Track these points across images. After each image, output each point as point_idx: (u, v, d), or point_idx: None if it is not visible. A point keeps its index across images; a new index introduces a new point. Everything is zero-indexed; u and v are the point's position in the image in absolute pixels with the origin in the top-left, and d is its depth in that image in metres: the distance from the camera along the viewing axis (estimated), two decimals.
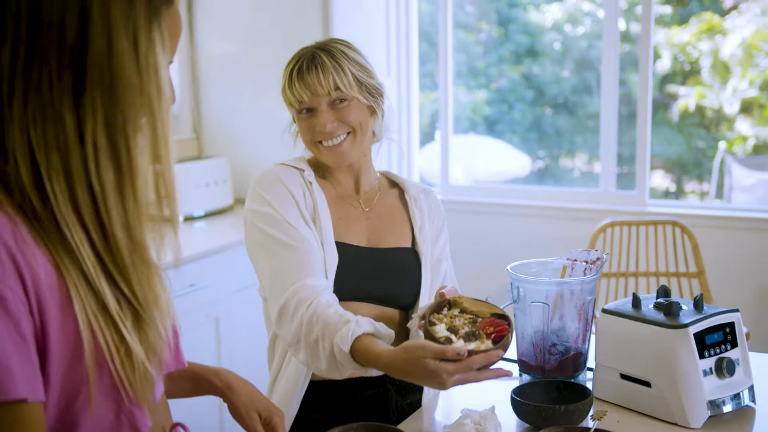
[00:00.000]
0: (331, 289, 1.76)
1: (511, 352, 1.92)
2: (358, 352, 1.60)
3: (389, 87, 4.09)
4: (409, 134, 4.17)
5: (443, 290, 1.68)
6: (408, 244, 1.92)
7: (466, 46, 4.42)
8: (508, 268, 1.83)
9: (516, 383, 1.78)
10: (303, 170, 1.86)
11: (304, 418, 1.83)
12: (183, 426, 1.26)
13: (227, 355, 3.17)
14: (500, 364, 1.56)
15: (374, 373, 1.74)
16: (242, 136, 3.95)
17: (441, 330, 1.56)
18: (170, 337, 1.17)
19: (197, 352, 3.11)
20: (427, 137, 4.40)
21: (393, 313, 1.87)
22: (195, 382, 1.36)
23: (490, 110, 4.59)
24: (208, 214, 3.68)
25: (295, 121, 1.88)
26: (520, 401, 1.63)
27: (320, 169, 1.91)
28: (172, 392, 1.39)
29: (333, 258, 1.79)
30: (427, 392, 1.91)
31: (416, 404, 1.88)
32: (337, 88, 1.78)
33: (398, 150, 4.10)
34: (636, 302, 1.72)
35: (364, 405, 1.84)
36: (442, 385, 1.50)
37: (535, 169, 4.72)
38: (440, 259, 1.94)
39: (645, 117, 3.73)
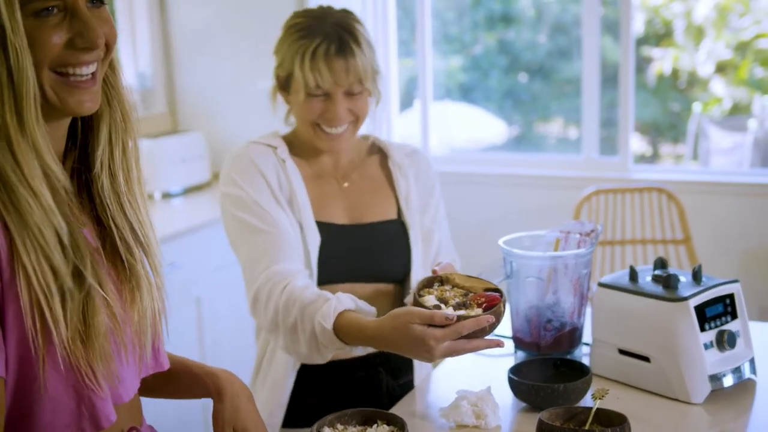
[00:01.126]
0: (308, 273, 1.71)
1: (506, 329, 1.89)
2: (341, 329, 1.56)
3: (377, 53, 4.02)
4: (388, 102, 4.11)
5: (436, 267, 1.64)
6: (394, 216, 1.87)
7: (439, 13, 4.36)
8: (500, 242, 1.79)
9: (512, 362, 1.75)
10: (276, 147, 1.79)
11: (295, 404, 1.79)
12: (153, 429, 1.24)
13: (210, 335, 3.11)
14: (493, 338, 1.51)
15: (359, 351, 1.70)
16: (218, 109, 3.86)
17: (430, 300, 1.51)
18: (147, 341, 1.15)
19: (179, 333, 3.05)
20: (402, 105, 4.34)
21: (388, 288, 1.83)
22: (192, 381, 1.30)
23: (465, 77, 4.55)
24: (186, 191, 3.60)
25: (282, 93, 1.80)
26: (518, 380, 1.60)
27: (295, 146, 1.84)
28: (171, 392, 1.34)
29: (314, 238, 1.74)
30: (419, 373, 1.88)
31: (408, 386, 1.85)
32: (360, 80, 1.71)
33: (377, 117, 4.03)
34: (633, 275, 1.69)
35: (355, 388, 1.81)
36: (430, 354, 1.44)
37: (511, 136, 4.69)
38: (431, 228, 1.89)
39: (627, 80, 3.69)
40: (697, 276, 1.66)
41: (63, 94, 1.03)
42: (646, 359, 1.64)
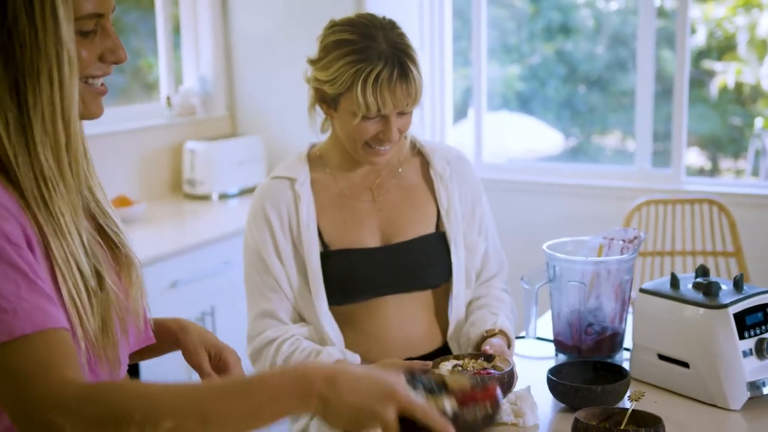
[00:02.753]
0: (299, 324, 1.79)
1: (548, 332, 1.92)
2: None
3: (423, 63, 4.07)
4: (443, 111, 4.16)
5: (487, 347, 1.68)
6: (432, 229, 1.85)
7: (498, 22, 4.39)
8: (544, 247, 1.82)
9: (552, 364, 1.78)
10: (295, 179, 1.80)
11: None
12: None
13: None
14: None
15: None
16: (275, 113, 3.95)
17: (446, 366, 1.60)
18: (140, 318, 1.25)
19: (232, 328, 3.13)
20: (458, 114, 4.37)
21: (426, 295, 1.84)
22: (161, 332, 1.37)
23: (522, 86, 4.56)
24: (242, 192, 3.70)
25: (324, 106, 1.78)
26: (557, 381, 1.63)
27: (330, 159, 1.84)
28: (147, 352, 1.39)
29: (316, 271, 1.76)
30: None
31: None
32: (416, 102, 1.72)
33: (431, 127, 4.08)
34: (674, 282, 1.71)
35: None
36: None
37: (567, 147, 4.68)
38: (476, 239, 1.87)
39: (681, 94, 3.68)
40: (738, 284, 1.67)
41: (88, 99, 1.16)
42: (685, 365, 1.65)
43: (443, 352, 1.83)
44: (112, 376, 1.16)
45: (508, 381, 1.56)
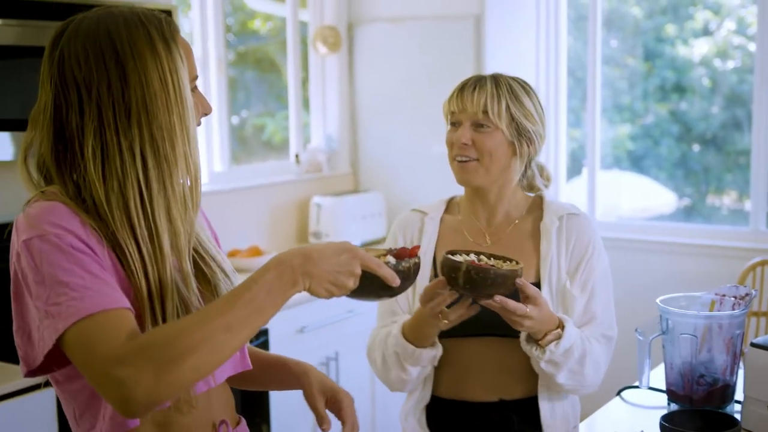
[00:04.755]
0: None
1: (660, 382, 2.01)
2: (407, 335, 1.85)
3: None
4: (557, 168, 4.28)
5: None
6: (532, 279, 1.92)
7: (610, 81, 4.48)
8: (658, 301, 1.92)
9: (663, 412, 1.86)
10: (427, 214, 2.01)
11: None
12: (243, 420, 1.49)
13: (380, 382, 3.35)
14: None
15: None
16: (396, 171, 4.16)
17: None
18: None
19: (354, 372, 3.31)
20: (570, 173, 4.47)
21: (510, 341, 1.89)
22: (283, 370, 1.56)
23: (633, 146, 4.62)
24: (364, 245, 3.89)
25: None
26: (670, 428, 1.72)
27: (462, 207, 2.03)
28: (266, 383, 1.62)
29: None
30: (551, 422, 1.91)
31: None
32: (485, 111, 1.86)
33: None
34: None
35: (488, 429, 1.91)
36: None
37: (680, 206, 4.69)
38: (575, 295, 1.90)
39: None
40: None
41: None
42: None
43: (537, 399, 1.92)
44: (205, 387, 1.35)
45: (482, 276, 1.64)
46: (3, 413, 2.19)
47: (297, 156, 4.09)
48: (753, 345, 1.81)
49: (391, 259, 1.37)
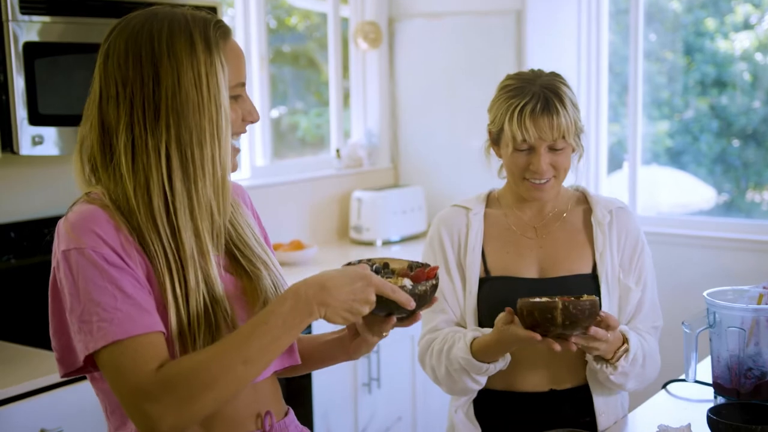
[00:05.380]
0: (454, 323, 1.96)
1: (706, 376, 2.01)
2: (477, 355, 1.84)
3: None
4: (598, 164, 4.27)
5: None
6: (588, 270, 1.96)
7: (650, 76, 4.46)
8: (705, 294, 1.93)
9: (710, 405, 1.87)
10: (471, 209, 2.01)
11: (488, 427, 1.97)
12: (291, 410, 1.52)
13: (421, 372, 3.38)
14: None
15: (500, 365, 1.87)
16: (436, 165, 4.18)
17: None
18: None
19: (395, 360, 3.34)
20: (608, 167, 4.46)
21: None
22: (334, 346, 1.56)
23: (672, 141, 4.59)
24: (404, 239, 3.93)
25: (494, 147, 1.97)
26: (717, 420, 1.72)
27: (504, 198, 2.03)
28: (315, 365, 1.61)
29: (472, 293, 1.94)
30: (604, 411, 1.94)
31: (591, 425, 1.94)
32: (563, 136, 1.86)
33: (585, 178, 4.20)
34: None
35: (542, 419, 1.91)
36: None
37: (720, 202, 4.66)
38: (631, 287, 1.95)
39: None
40: None
41: (232, 157, 1.39)
42: None
43: (587, 388, 1.94)
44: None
45: (580, 309, 1.65)
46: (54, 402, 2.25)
47: (338, 151, 4.12)
48: None
49: (408, 283, 1.37)
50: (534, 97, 1.86)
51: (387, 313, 1.38)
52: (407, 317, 1.41)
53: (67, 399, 2.25)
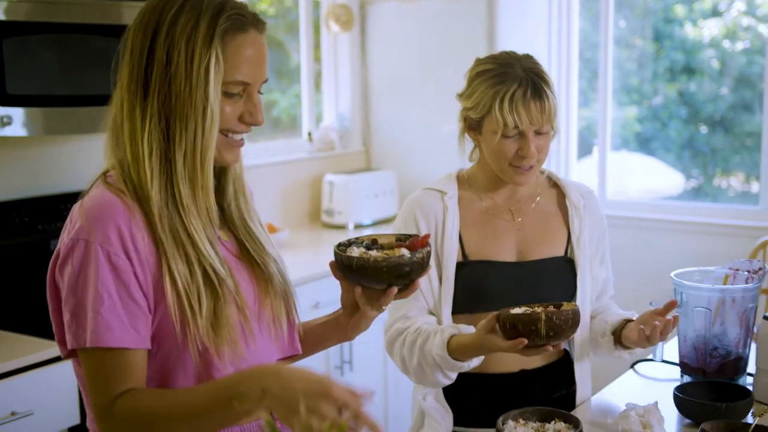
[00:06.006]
0: (426, 312, 1.95)
1: (673, 356, 2.05)
2: (454, 352, 1.81)
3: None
4: (567, 148, 4.31)
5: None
6: (561, 253, 1.98)
7: (619, 62, 4.48)
8: (672, 275, 1.96)
9: (677, 383, 1.90)
10: (445, 193, 1.96)
11: (459, 407, 1.98)
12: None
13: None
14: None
15: (475, 363, 1.85)
16: (408, 149, 4.19)
17: (515, 310, 1.69)
18: (283, 326, 1.46)
19: (366, 345, 3.35)
20: (578, 153, 4.49)
21: None
22: (333, 328, 1.56)
23: (641, 127, 4.63)
24: (376, 223, 3.94)
25: (471, 133, 1.95)
26: (683, 398, 1.76)
27: (476, 182, 2.01)
28: (317, 348, 1.60)
29: (449, 279, 1.92)
30: (580, 386, 1.99)
31: (563, 399, 1.98)
32: (550, 121, 1.87)
33: (555, 163, 4.23)
34: None
35: (513, 399, 1.92)
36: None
37: (688, 188, 4.71)
38: (599, 267, 2.01)
39: None
40: None
41: (223, 149, 1.38)
42: None
43: (561, 363, 1.98)
44: (237, 369, 1.35)
45: (563, 319, 1.65)
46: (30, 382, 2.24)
47: (309, 134, 4.12)
48: (766, 318, 1.85)
49: (406, 252, 1.39)
50: (522, 82, 1.84)
51: (387, 285, 1.40)
52: (406, 287, 1.43)
53: (38, 382, 2.24)
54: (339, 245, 1.45)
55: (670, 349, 2.11)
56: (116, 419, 1.26)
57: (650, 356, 2.10)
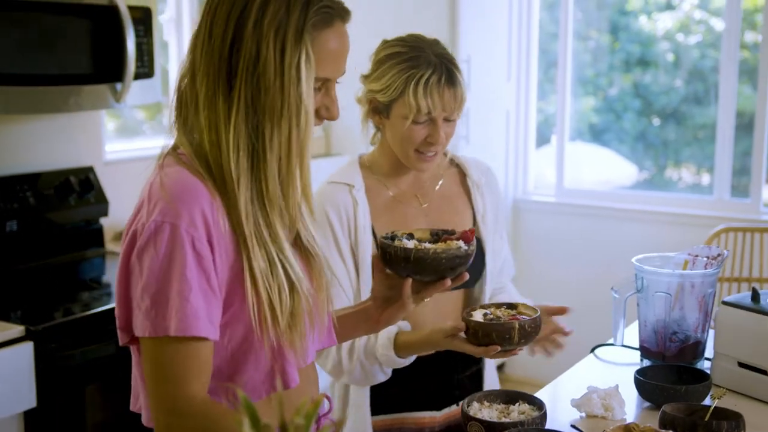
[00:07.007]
0: (349, 305, 1.88)
1: (633, 340, 2.08)
2: (398, 351, 1.81)
3: (508, 92, 4.28)
4: (526, 138, 4.35)
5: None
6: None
7: (575, 54, 4.53)
8: (634, 260, 1.99)
9: (637, 367, 1.94)
10: (353, 186, 1.91)
11: (379, 393, 1.95)
12: (327, 397, 1.49)
13: None
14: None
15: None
16: (368, 134, 4.18)
17: (477, 315, 1.70)
18: (325, 318, 1.45)
19: None
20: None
21: (458, 293, 1.99)
22: (361, 319, 1.56)
23: (597, 118, 4.68)
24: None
25: (375, 117, 1.92)
26: (644, 381, 1.79)
27: (379, 167, 1.97)
28: (355, 328, 1.59)
29: (369, 271, 1.86)
30: (487, 363, 2.04)
31: (477, 376, 2.03)
32: (460, 108, 1.85)
33: (515, 152, 4.26)
34: (755, 296, 1.86)
35: (431, 379, 1.96)
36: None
37: (641, 179, 4.79)
38: (499, 242, 2.05)
39: (763, 126, 3.81)
40: None
41: None
42: (764, 372, 1.80)
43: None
44: (300, 364, 1.35)
45: (534, 326, 1.66)
46: None
47: None
48: (724, 303, 1.90)
49: (463, 244, 1.48)
50: (436, 68, 1.82)
51: (440, 277, 1.45)
52: (455, 279, 1.50)
53: None
54: (384, 237, 1.50)
55: (630, 333, 2.15)
56: (182, 418, 1.21)
57: (610, 341, 2.13)
